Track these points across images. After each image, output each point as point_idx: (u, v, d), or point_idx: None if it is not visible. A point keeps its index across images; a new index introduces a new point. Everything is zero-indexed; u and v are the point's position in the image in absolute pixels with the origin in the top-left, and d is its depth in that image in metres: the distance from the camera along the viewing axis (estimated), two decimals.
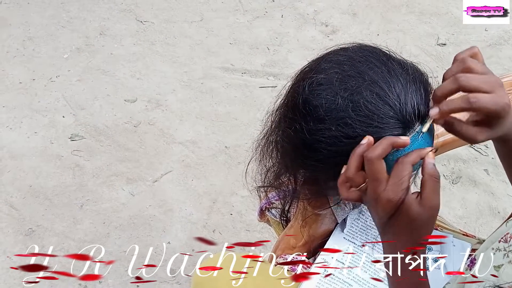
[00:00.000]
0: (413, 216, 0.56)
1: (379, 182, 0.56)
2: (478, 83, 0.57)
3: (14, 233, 1.54)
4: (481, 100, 0.56)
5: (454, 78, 0.58)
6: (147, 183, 1.68)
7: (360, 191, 0.59)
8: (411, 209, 0.56)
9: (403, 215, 0.56)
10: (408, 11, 2.30)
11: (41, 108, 1.88)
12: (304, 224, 0.85)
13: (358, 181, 0.58)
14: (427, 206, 0.56)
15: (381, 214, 0.57)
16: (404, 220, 0.56)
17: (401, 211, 0.56)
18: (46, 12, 2.23)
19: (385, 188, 0.56)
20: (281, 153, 0.72)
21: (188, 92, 1.95)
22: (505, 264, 0.54)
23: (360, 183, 0.58)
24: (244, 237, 1.55)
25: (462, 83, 0.57)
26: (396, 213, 0.56)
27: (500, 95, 0.57)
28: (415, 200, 0.56)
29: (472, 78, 0.57)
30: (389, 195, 0.56)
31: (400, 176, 0.56)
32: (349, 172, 0.58)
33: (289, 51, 2.12)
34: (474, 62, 0.59)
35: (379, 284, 0.80)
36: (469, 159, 1.75)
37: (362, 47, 0.64)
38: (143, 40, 2.14)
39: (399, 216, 0.56)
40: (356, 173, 0.58)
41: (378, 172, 0.56)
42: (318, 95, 0.61)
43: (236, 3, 2.31)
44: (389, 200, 0.56)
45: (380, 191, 0.56)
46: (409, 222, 0.56)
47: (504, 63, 2.07)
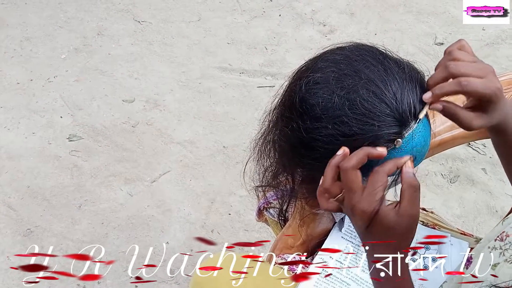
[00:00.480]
0: (389, 225, 0.56)
1: (354, 192, 0.56)
2: (468, 69, 0.58)
3: (12, 234, 1.54)
4: (472, 83, 0.57)
5: (444, 66, 0.58)
6: (145, 183, 1.68)
7: (338, 202, 0.59)
8: (387, 219, 0.56)
9: (378, 225, 0.56)
10: (406, 11, 2.30)
11: (38, 108, 1.87)
12: (302, 224, 0.85)
13: (334, 191, 0.58)
14: (405, 215, 0.56)
15: (359, 224, 0.58)
16: (381, 230, 0.56)
17: (376, 221, 0.56)
18: (44, 12, 2.23)
19: (359, 199, 0.56)
20: (279, 152, 0.72)
21: (186, 92, 1.95)
22: (501, 263, 0.54)
23: (337, 193, 0.58)
24: (242, 237, 1.55)
25: (451, 70, 0.58)
26: (372, 223, 0.56)
27: (490, 80, 0.58)
28: (392, 210, 0.56)
29: (461, 65, 0.58)
30: (363, 206, 0.55)
31: (374, 186, 0.56)
32: (325, 183, 0.58)
33: (287, 50, 2.12)
34: (461, 53, 0.60)
35: None
36: (467, 158, 1.75)
37: (359, 46, 0.64)
38: (141, 40, 2.14)
39: (375, 226, 0.56)
40: (332, 184, 0.58)
41: (352, 182, 0.56)
42: (315, 94, 0.61)
43: (234, 3, 2.31)
44: (363, 211, 0.56)
45: (355, 201, 0.56)
46: (386, 231, 0.56)
47: (501, 62, 2.08)
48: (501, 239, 0.57)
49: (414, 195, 0.56)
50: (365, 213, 0.56)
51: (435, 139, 0.85)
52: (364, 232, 0.58)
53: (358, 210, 0.56)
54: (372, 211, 0.55)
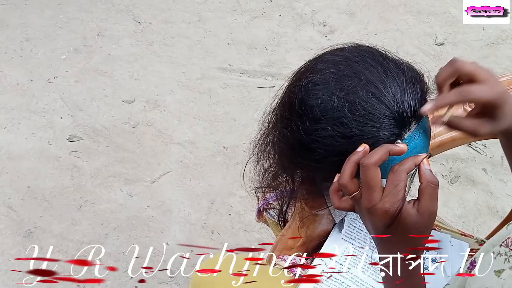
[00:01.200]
0: (411, 225, 0.55)
1: (373, 190, 0.55)
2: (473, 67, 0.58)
3: (13, 235, 1.54)
4: (473, 91, 0.57)
5: (450, 62, 0.58)
6: (145, 184, 1.68)
7: (353, 200, 0.58)
8: (408, 218, 0.55)
9: (400, 224, 0.55)
10: (406, 11, 2.30)
11: (39, 109, 1.87)
12: (302, 225, 0.85)
13: (351, 188, 0.57)
14: (425, 213, 0.55)
15: (378, 224, 0.56)
16: (402, 230, 0.55)
17: (399, 221, 0.55)
18: (44, 13, 2.23)
19: (381, 198, 0.55)
20: (278, 153, 0.72)
21: (186, 92, 1.95)
22: (507, 270, 0.53)
23: (353, 191, 0.57)
24: (242, 237, 1.55)
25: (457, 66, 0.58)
26: (393, 223, 0.55)
27: (493, 84, 0.57)
28: (413, 209, 0.55)
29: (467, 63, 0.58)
30: (385, 206, 0.54)
31: (395, 186, 0.54)
32: (343, 179, 0.57)
33: (287, 51, 2.12)
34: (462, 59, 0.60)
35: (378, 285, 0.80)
36: (468, 159, 1.75)
37: (358, 47, 0.64)
38: (141, 40, 2.14)
39: (397, 226, 0.55)
40: (350, 180, 0.57)
41: (372, 179, 0.55)
42: (314, 95, 0.61)
43: (234, 4, 2.31)
44: (386, 211, 0.54)
45: (376, 201, 0.55)
46: (407, 231, 0.55)
47: (501, 62, 2.08)
48: (506, 245, 0.56)
49: (434, 192, 0.55)
50: (388, 213, 0.54)
51: (435, 140, 0.85)
52: (383, 232, 0.57)
53: (380, 210, 0.55)
54: (395, 211, 0.54)
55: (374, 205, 0.55)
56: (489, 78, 0.58)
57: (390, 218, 0.55)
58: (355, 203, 0.58)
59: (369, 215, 0.56)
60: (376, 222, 0.56)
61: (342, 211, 0.60)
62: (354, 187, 0.57)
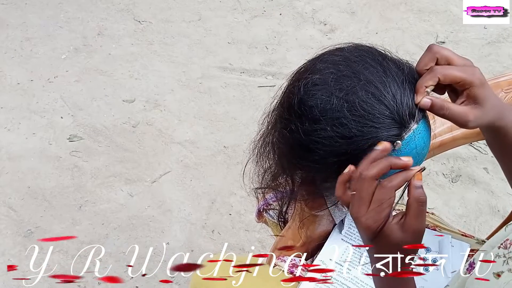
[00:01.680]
0: (395, 242, 0.55)
1: (363, 203, 0.54)
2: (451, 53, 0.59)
3: (13, 235, 1.54)
4: (450, 69, 0.57)
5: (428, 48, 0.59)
6: (146, 184, 1.67)
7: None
8: (392, 236, 0.54)
9: (383, 240, 0.55)
10: (407, 9, 2.29)
11: (39, 109, 1.87)
12: (302, 225, 0.84)
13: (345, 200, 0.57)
14: (409, 231, 0.54)
15: (362, 236, 0.57)
16: (385, 245, 0.55)
17: (382, 237, 0.55)
18: (44, 12, 2.23)
19: (365, 213, 0.54)
20: (278, 154, 0.72)
21: (187, 92, 1.95)
22: (506, 272, 0.53)
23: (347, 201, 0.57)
24: (243, 237, 1.55)
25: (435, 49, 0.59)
26: (376, 238, 0.55)
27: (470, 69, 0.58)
28: (396, 225, 0.55)
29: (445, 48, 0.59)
30: (368, 223, 0.54)
31: (381, 202, 0.54)
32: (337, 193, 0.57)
33: (287, 50, 2.11)
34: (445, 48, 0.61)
35: None
36: (469, 158, 1.74)
37: (358, 47, 0.63)
38: (141, 40, 2.14)
39: (380, 241, 0.55)
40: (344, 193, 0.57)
41: (364, 191, 0.54)
42: (313, 96, 0.60)
43: (234, 2, 2.31)
44: (368, 227, 0.54)
45: (361, 215, 0.54)
46: (391, 247, 0.55)
47: (503, 61, 2.07)
48: (505, 247, 0.55)
49: (420, 210, 0.54)
50: (369, 229, 0.54)
51: (435, 140, 0.85)
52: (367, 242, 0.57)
53: (362, 224, 0.54)
54: (376, 227, 0.54)
55: (359, 217, 0.55)
56: (466, 63, 0.59)
57: (372, 234, 0.55)
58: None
59: (355, 223, 0.57)
60: (361, 233, 0.57)
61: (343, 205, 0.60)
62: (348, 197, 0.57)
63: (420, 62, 0.60)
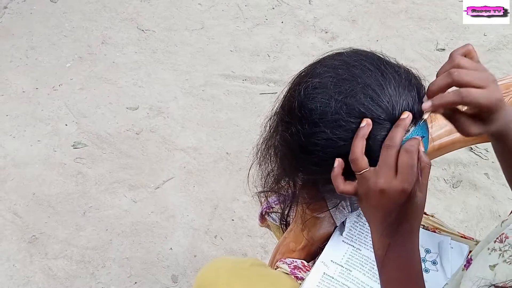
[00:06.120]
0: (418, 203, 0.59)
1: (392, 170, 0.57)
2: (471, 78, 0.58)
3: (18, 241, 1.56)
4: (473, 95, 0.58)
5: (448, 73, 0.59)
6: (149, 190, 1.69)
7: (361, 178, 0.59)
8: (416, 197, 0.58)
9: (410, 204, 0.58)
10: (407, 17, 2.31)
11: (44, 116, 1.89)
12: (304, 228, 0.86)
13: (362, 164, 0.59)
14: (425, 192, 0.59)
15: (390, 207, 0.59)
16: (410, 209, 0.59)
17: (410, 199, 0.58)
18: (49, 21, 2.26)
19: (394, 179, 0.57)
20: (279, 157, 0.73)
21: (190, 99, 1.97)
22: (500, 264, 0.55)
23: (364, 167, 0.58)
24: (246, 242, 1.56)
25: (455, 77, 0.59)
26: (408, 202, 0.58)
27: (492, 90, 0.59)
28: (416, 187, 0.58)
29: (465, 73, 0.59)
30: (404, 186, 0.57)
31: (411, 166, 0.57)
32: (355, 154, 0.58)
33: (289, 57, 2.14)
34: (464, 59, 0.61)
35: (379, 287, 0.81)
36: (470, 163, 1.76)
37: (357, 51, 0.65)
38: (145, 48, 2.16)
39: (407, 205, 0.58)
40: (362, 155, 0.59)
41: (393, 160, 0.57)
42: (313, 99, 0.62)
43: (237, 11, 2.34)
44: (403, 190, 0.57)
45: (392, 182, 0.57)
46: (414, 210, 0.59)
47: (503, 68, 2.09)
48: (500, 241, 0.57)
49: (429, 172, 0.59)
50: (405, 191, 0.57)
51: (434, 143, 0.86)
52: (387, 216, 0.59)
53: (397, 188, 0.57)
54: (412, 189, 0.57)
55: (391, 186, 0.57)
56: (489, 84, 0.59)
57: (406, 197, 0.57)
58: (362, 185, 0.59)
59: (381, 197, 0.58)
60: (388, 205, 0.58)
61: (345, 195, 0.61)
62: (365, 163, 0.58)
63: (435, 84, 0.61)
